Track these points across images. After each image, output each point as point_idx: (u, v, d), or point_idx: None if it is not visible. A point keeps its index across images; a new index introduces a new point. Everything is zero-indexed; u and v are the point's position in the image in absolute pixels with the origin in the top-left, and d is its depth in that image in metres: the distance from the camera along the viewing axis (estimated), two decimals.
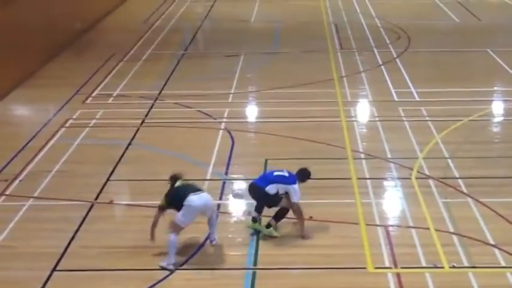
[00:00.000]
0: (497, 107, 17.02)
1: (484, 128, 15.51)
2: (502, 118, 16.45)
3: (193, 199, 10.01)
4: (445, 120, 15.51)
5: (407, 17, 26.72)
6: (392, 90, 17.86)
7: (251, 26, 26.34)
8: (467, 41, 22.85)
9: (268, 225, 10.82)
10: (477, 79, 18.81)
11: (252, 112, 17.01)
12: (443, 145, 14.28)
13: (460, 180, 12.64)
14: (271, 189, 10.64)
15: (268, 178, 10.83)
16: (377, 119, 16.07)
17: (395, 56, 21.12)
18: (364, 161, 13.60)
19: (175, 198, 10.19)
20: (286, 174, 10.88)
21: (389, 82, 18.54)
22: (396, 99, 17.24)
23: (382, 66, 20.04)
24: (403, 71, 19.43)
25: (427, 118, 15.86)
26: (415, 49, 21.88)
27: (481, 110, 16.27)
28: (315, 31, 24.66)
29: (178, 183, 10.45)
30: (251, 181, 11.10)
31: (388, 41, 23.00)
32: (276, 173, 10.88)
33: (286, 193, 10.66)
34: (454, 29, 25.11)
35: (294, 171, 10.95)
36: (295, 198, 10.60)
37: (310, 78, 18.68)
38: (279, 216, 10.87)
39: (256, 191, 10.82)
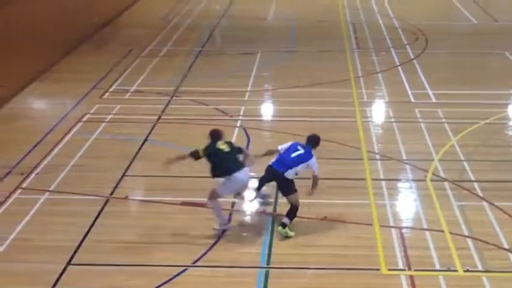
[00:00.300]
0: None
1: (501, 132, 15.44)
2: None
3: (238, 176, 10.60)
4: (461, 122, 15.46)
5: (425, 17, 26.63)
6: (409, 92, 17.82)
7: (268, 24, 26.36)
8: (485, 43, 22.74)
9: (283, 225, 10.87)
10: (494, 82, 18.71)
11: (267, 110, 17.02)
12: (459, 148, 14.24)
13: (475, 184, 12.61)
14: (289, 174, 10.77)
15: (286, 162, 10.82)
16: (393, 120, 16.04)
17: (412, 57, 21.06)
18: (379, 162, 13.58)
19: (216, 161, 10.73)
20: (302, 150, 10.94)
21: (406, 83, 18.50)
22: (413, 101, 17.20)
23: (399, 67, 19.98)
24: (420, 73, 19.36)
25: (444, 120, 15.81)
26: (433, 50, 21.79)
27: (498, 113, 16.19)
28: (332, 30, 24.65)
29: (221, 145, 10.80)
30: (269, 164, 11.02)
31: (405, 42, 22.93)
32: (293, 155, 10.88)
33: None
34: (472, 31, 25.02)
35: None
36: (315, 170, 10.83)
37: (327, 78, 18.68)
38: (291, 215, 10.93)
39: (274, 175, 10.88)
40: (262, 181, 11.28)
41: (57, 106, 17.40)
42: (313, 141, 11.20)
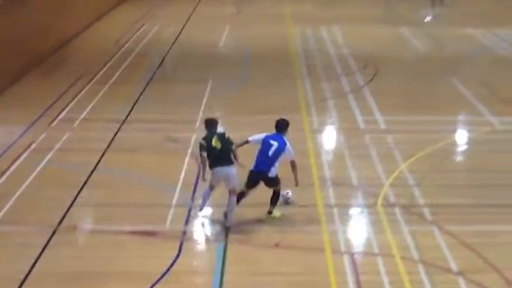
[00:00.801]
0: (462, 136, 17.23)
1: (449, 157, 15.68)
2: (466, 147, 16.66)
3: (216, 170, 11.71)
4: (411, 148, 15.64)
5: (375, 46, 27.03)
6: (359, 118, 17.99)
7: (220, 51, 26.43)
8: (433, 71, 23.12)
9: (270, 212, 12.05)
10: (442, 108, 19.02)
11: None
12: (409, 173, 14.39)
13: (425, 208, 12.73)
14: (273, 172, 11.83)
15: (267, 162, 11.78)
16: (343, 146, 16.16)
17: (362, 84, 21.32)
18: (330, 188, 13.62)
19: (210, 156, 11.56)
20: (275, 143, 11.82)
21: (356, 110, 18.68)
22: (363, 127, 17.36)
23: (349, 94, 20.20)
24: (370, 99, 19.59)
25: (393, 146, 15.98)
26: (382, 78, 22.10)
27: (447, 139, 16.45)
28: (283, 58, 24.83)
29: (214, 142, 11.59)
30: (251, 170, 11.92)
31: (355, 69, 23.22)
32: (270, 152, 11.76)
33: None
34: (420, 59, 25.48)
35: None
36: (292, 158, 11.86)
37: (278, 105, 18.70)
38: (275, 200, 12.09)
39: (260, 177, 11.89)
40: (249, 186, 12.07)
41: (4, 134, 17.06)
42: (282, 127, 12.12)
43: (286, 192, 12.55)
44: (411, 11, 35.96)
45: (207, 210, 12.52)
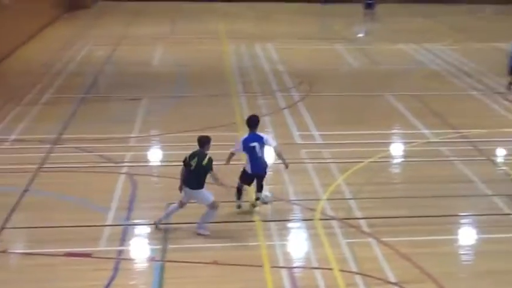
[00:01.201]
0: (397, 149, 17.43)
1: (385, 169, 15.82)
2: (401, 159, 16.86)
3: (185, 190, 12.10)
4: (346, 162, 15.72)
5: (310, 62, 27.28)
6: (295, 133, 18.03)
7: (154, 69, 26.17)
8: (367, 86, 23.43)
9: (258, 198, 12.91)
10: (377, 122, 19.23)
11: (154, 156, 16.74)
12: (345, 186, 14.45)
13: (362, 221, 12.78)
14: (267, 168, 13.19)
15: (260, 163, 12.93)
16: (280, 161, 16.08)
17: (297, 99, 21.40)
18: (268, 204, 13.52)
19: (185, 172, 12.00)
20: (256, 143, 12.84)
21: (292, 125, 18.72)
22: (299, 142, 17.40)
23: (285, 110, 20.23)
24: (305, 115, 19.67)
25: (330, 160, 16.04)
26: (317, 93, 22.25)
27: (381, 152, 16.61)
28: (218, 75, 24.76)
29: (192, 160, 11.95)
30: (247, 171, 12.90)
31: (290, 85, 23.31)
32: (258, 153, 12.85)
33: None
34: (355, 74, 25.78)
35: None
36: (274, 144, 13.04)
37: (214, 122, 18.61)
38: (260, 189, 13.00)
39: (258, 176, 12.96)
40: (245, 183, 13.11)
41: None
42: (253, 123, 13.10)
43: (265, 195, 12.99)
44: (345, 28, 36.53)
45: (145, 229, 12.30)
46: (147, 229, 12.34)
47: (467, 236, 12.72)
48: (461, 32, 35.75)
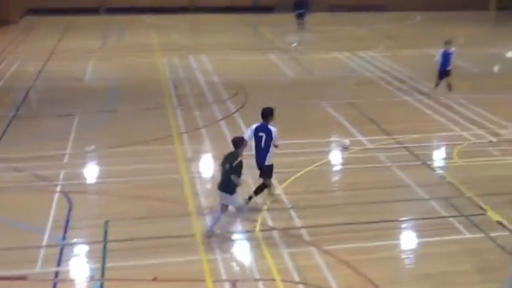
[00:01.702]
0: (334, 157, 17.49)
1: (323, 177, 15.84)
2: (339, 167, 16.90)
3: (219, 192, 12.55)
4: (285, 171, 15.66)
5: (245, 73, 27.23)
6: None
7: (86, 84, 25.66)
8: (303, 95, 23.49)
9: (250, 198, 13.46)
10: (314, 130, 19.29)
11: (90, 172, 16.33)
12: (285, 196, 14.40)
13: (302, 230, 12.75)
14: (268, 161, 13.57)
15: (262, 153, 13.46)
16: (219, 173, 15.91)
17: (233, 110, 21.30)
18: (208, 217, 13.36)
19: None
20: (264, 134, 13.37)
21: (229, 137, 18.51)
22: None
23: (221, 121, 20.11)
24: (242, 126, 19.57)
25: None
26: (253, 104, 22.11)
27: (319, 160, 16.65)
28: (152, 88, 24.44)
29: (225, 163, 12.25)
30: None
31: (226, 97, 23.20)
32: (262, 144, 13.37)
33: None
34: (290, 84, 25.79)
35: None
36: (279, 143, 13.62)
37: (150, 136, 18.37)
38: (259, 192, 13.64)
39: (259, 167, 13.65)
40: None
41: None
42: (267, 115, 13.60)
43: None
44: (278, 37, 36.67)
45: (82, 248, 11.99)
46: (84, 248, 12.02)
47: (407, 240, 12.82)
48: (393, 39, 36.36)
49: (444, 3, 46.14)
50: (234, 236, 12.70)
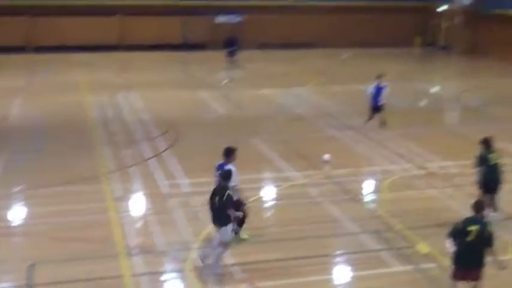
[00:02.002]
0: (266, 193, 17.42)
1: (255, 213, 15.64)
2: (272, 203, 16.85)
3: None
4: None
5: (175, 110, 27.05)
6: (163, 182, 17.65)
7: (11, 123, 24.91)
8: (235, 131, 23.40)
9: (236, 233, 13.09)
10: (245, 167, 18.93)
11: (16, 214, 15.75)
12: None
13: (235, 267, 12.57)
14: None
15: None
16: (149, 212, 15.70)
17: (164, 148, 21.05)
18: (137, 257, 13.06)
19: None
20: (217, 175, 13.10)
21: (159, 174, 18.34)
22: (167, 191, 17.02)
23: (152, 159, 19.83)
24: (173, 163, 19.37)
25: (199, 208, 15.74)
26: (184, 141, 22.01)
27: (251, 196, 16.51)
28: (80, 127, 23.99)
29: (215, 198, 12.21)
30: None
31: (156, 134, 22.93)
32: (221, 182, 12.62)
33: None
34: (221, 121, 25.73)
35: None
36: (234, 184, 12.85)
37: (77, 175, 17.95)
38: (241, 222, 13.34)
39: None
40: None
41: None
42: (224, 152, 13.60)
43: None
44: (208, 74, 36.73)
45: None
46: None
47: (340, 274, 12.80)
48: (322, 75, 36.86)
49: (372, 40, 47.22)
50: (165, 276, 12.41)
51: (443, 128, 24.78)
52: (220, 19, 46.52)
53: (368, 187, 17.92)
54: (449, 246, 10.60)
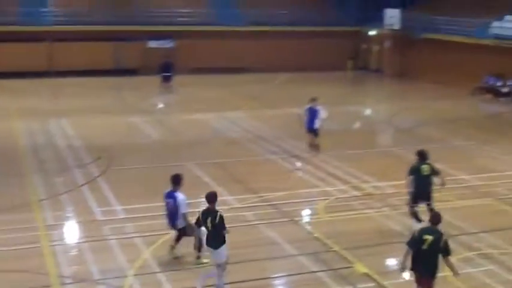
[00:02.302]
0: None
1: (193, 239, 15.44)
2: None
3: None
4: (152, 235, 15.20)
5: (108, 136, 26.61)
6: (96, 209, 17.25)
7: None
8: (169, 156, 23.14)
9: (198, 257, 13.49)
10: (182, 191, 18.84)
11: None
12: (153, 260, 13.92)
13: None
14: (181, 223, 13.60)
15: (173, 218, 13.63)
16: (82, 240, 15.29)
17: (97, 175, 20.62)
18: (70, 286, 12.69)
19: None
20: (171, 199, 13.55)
21: (92, 201, 17.92)
22: (101, 218, 16.64)
23: (84, 186, 19.39)
24: (106, 190, 18.98)
25: (135, 234, 15.47)
26: (118, 167, 21.64)
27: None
28: (9, 155, 23.32)
29: (208, 222, 12.30)
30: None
31: (88, 161, 22.45)
32: (170, 209, 13.56)
33: None
34: (154, 146, 25.42)
35: None
36: (183, 210, 13.49)
37: (7, 204, 17.40)
38: (197, 246, 13.49)
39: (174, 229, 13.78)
40: None
41: None
42: (173, 182, 13.78)
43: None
44: (141, 100, 36.35)
45: None
46: None
47: None
48: (256, 99, 36.94)
49: (305, 65, 47.66)
50: None
51: (377, 149, 25.11)
52: (153, 44, 46.26)
53: (305, 209, 17.91)
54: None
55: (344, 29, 49.52)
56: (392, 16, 45.57)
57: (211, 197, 12.53)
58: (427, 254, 10.83)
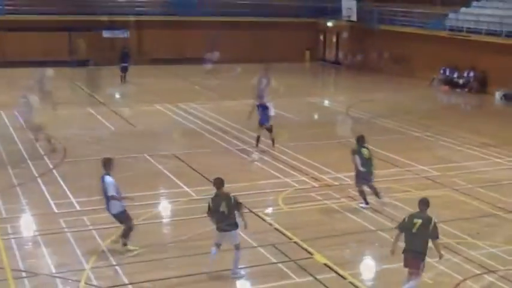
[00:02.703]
0: (161, 209, 17.04)
1: (151, 231, 15.29)
2: (166, 219, 16.47)
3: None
4: (109, 227, 14.92)
5: (63, 127, 26.04)
6: (51, 202, 16.93)
7: None
8: (126, 148, 22.81)
9: (124, 244, 13.56)
10: (142, 184, 18.64)
11: None
12: (110, 253, 13.69)
13: (129, 286, 12.12)
14: (113, 209, 13.61)
15: (107, 204, 13.63)
16: (37, 233, 14.97)
17: (51, 167, 20.22)
18: (26, 280, 12.43)
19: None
20: (102, 184, 13.49)
21: (47, 194, 17.57)
22: (56, 211, 16.33)
23: (39, 179, 19.00)
24: (61, 182, 18.63)
25: (91, 227, 15.21)
26: (72, 159, 21.28)
27: (146, 213, 16.10)
28: None
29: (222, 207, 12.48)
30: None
31: (42, 153, 21.99)
32: (103, 193, 13.52)
33: None
34: (111, 137, 25.01)
35: None
36: (109, 192, 13.45)
37: None
38: (124, 233, 13.68)
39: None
40: None
41: None
42: (103, 165, 13.67)
43: None
44: (96, 90, 35.73)
45: None
46: None
47: None
48: (213, 91, 36.70)
49: (262, 55, 47.39)
50: None
51: (336, 140, 25.10)
52: (107, 34, 45.60)
53: (263, 201, 17.80)
54: None
55: (302, 20, 49.54)
56: (349, 8, 45.73)
57: (220, 183, 12.67)
58: (416, 236, 11.40)
